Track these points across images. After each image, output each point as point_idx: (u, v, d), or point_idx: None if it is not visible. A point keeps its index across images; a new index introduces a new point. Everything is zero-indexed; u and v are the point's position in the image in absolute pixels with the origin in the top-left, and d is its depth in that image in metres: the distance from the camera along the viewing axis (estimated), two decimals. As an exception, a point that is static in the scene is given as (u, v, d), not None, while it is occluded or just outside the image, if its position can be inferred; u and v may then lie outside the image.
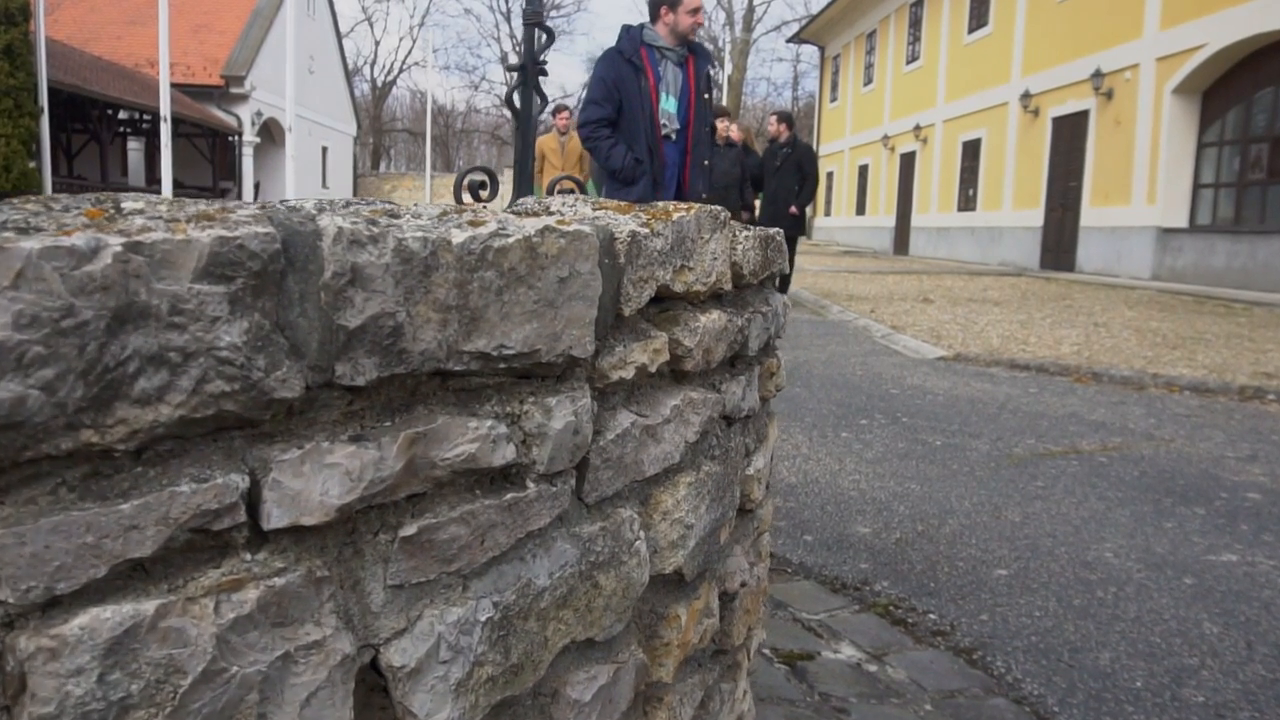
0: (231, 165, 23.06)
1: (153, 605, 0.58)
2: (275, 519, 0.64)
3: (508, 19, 45.49)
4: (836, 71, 27.85)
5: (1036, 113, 15.88)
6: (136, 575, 0.59)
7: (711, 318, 1.12)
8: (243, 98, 22.75)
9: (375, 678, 0.73)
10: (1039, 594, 2.46)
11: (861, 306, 9.38)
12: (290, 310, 0.64)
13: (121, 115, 19.49)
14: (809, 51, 37.41)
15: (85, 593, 0.56)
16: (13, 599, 0.53)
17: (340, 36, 30.61)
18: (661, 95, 4.18)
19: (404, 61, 65.84)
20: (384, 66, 68.17)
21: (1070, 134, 14.86)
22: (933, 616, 2.32)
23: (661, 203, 1.13)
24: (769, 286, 1.43)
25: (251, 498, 0.64)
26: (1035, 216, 15.88)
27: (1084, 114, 14.44)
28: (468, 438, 0.77)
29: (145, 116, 19.52)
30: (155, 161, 19.81)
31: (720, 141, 8.09)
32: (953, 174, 19.33)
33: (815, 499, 3.25)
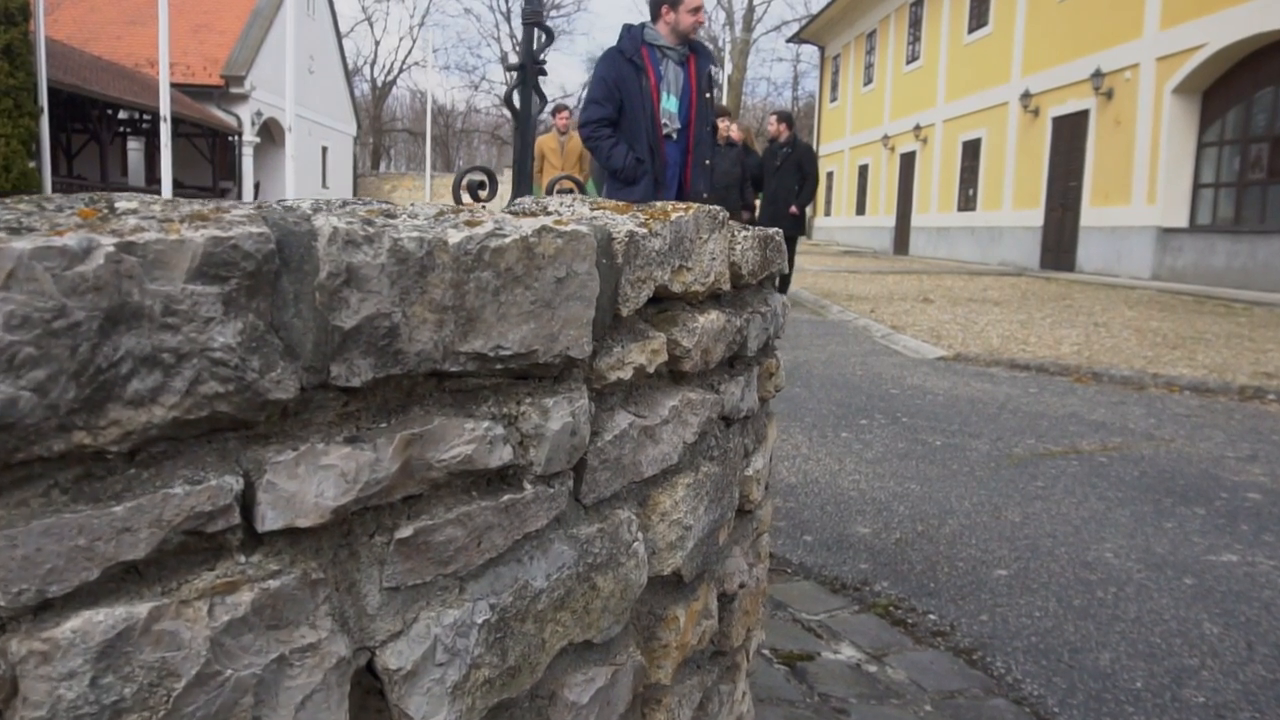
0: (231, 165, 23.07)
1: (146, 608, 0.58)
2: (270, 521, 0.64)
3: (508, 19, 45.52)
4: (836, 71, 27.85)
5: (1036, 112, 15.88)
6: (129, 578, 0.59)
7: (710, 318, 1.12)
8: (243, 98, 22.75)
9: (371, 680, 0.73)
10: (1039, 594, 2.46)
11: (861, 306, 9.38)
12: (285, 311, 0.64)
13: (121, 115, 19.50)
14: (809, 51, 37.43)
15: (77, 596, 0.56)
16: (4, 602, 0.53)
17: (340, 36, 30.62)
18: (663, 94, 4.17)
19: (404, 61, 65.91)
20: (384, 66, 68.23)
21: (1070, 134, 14.86)
22: (933, 617, 2.32)
23: (660, 202, 1.12)
24: (768, 287, 1.43)
25: (246, 500, 0.63)
26: (1035, 216, 15.88)
27: (1084, 114, 14.44)
28: (464, 439, 0.76)
29: (145, 116, 19.53)
30: (155, 161, 19.82)
31: (721, 141, 8.09)
32: (953, 174, 19.33)
33: (815, 499, 3.25)
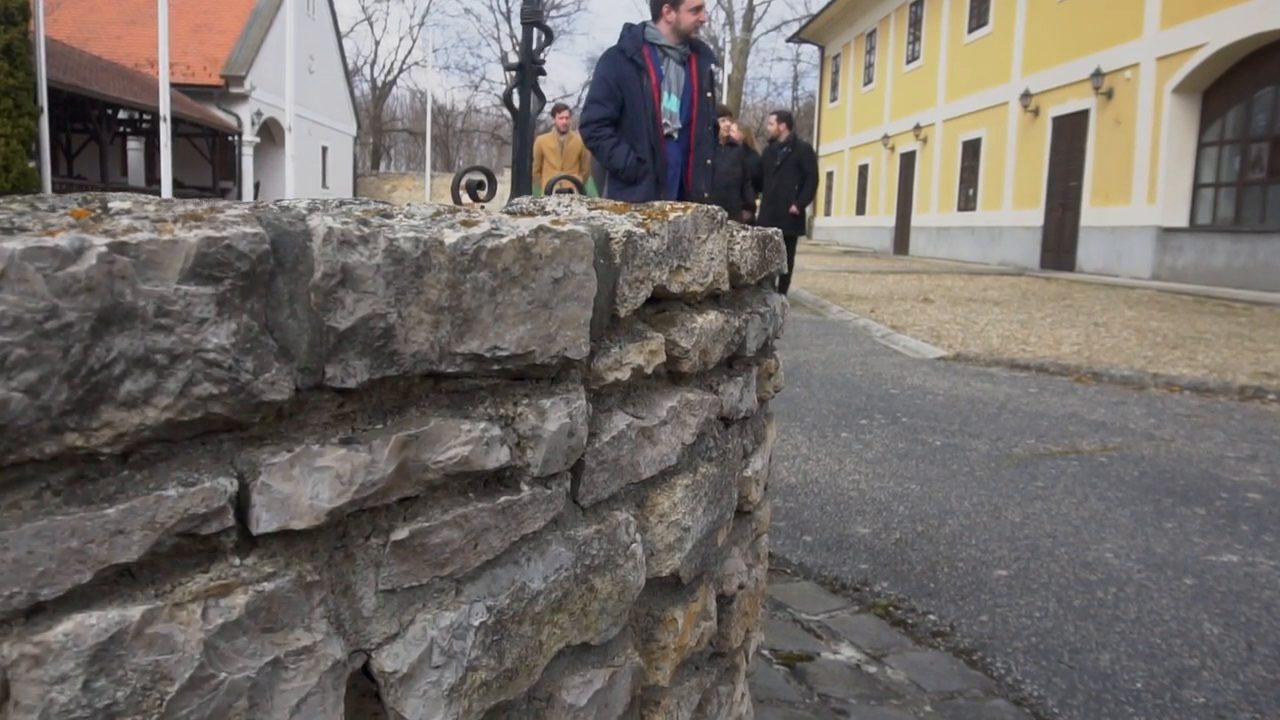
0: (231, 165, 23.07)
1: (139, 611, 0.57)
2: (264, 523, 0.64)
3: (508, 19, 45.52)
4: (836, 71, 27.84)
5: (1036, 112, 15.88)
6: (122, 581, 0.58)
7: (708, 318, 1.11)
8: (242, 97, 22.75)
9: (367, 683, 0.73)
10: (1039, 595, 2.46)
11: (861, 306, 9.37)
12: (279, 311, 0.63)
13: (121, 115, 19.49)
14: (809, 51, 37.43)
15: (70, 599, 0.55)
16: (-5, 605, 0.52)
17: (340, 36, 30.62)
18: (664, 94, 4.16)
19: (404, 61, 65.95)
20: (384, 66, 68.22)
21: (1070, 133, 14.85)
22: (932, 617, 2.31)
23: (658, 202, 1.12)
24: (767, 287, 1.42)
25: (240, 501, 0.63)
26: (1035, 216, 15.88)
27: (1084, 113, 14.43)
28: (460, 440, 0.76)
29: (145, 116, 19.53)
30: (155, 161, 19.81)
31: (721, 141, 8.09)
32: (953, 174, 19.32)
33: (815, 499, 3.25)
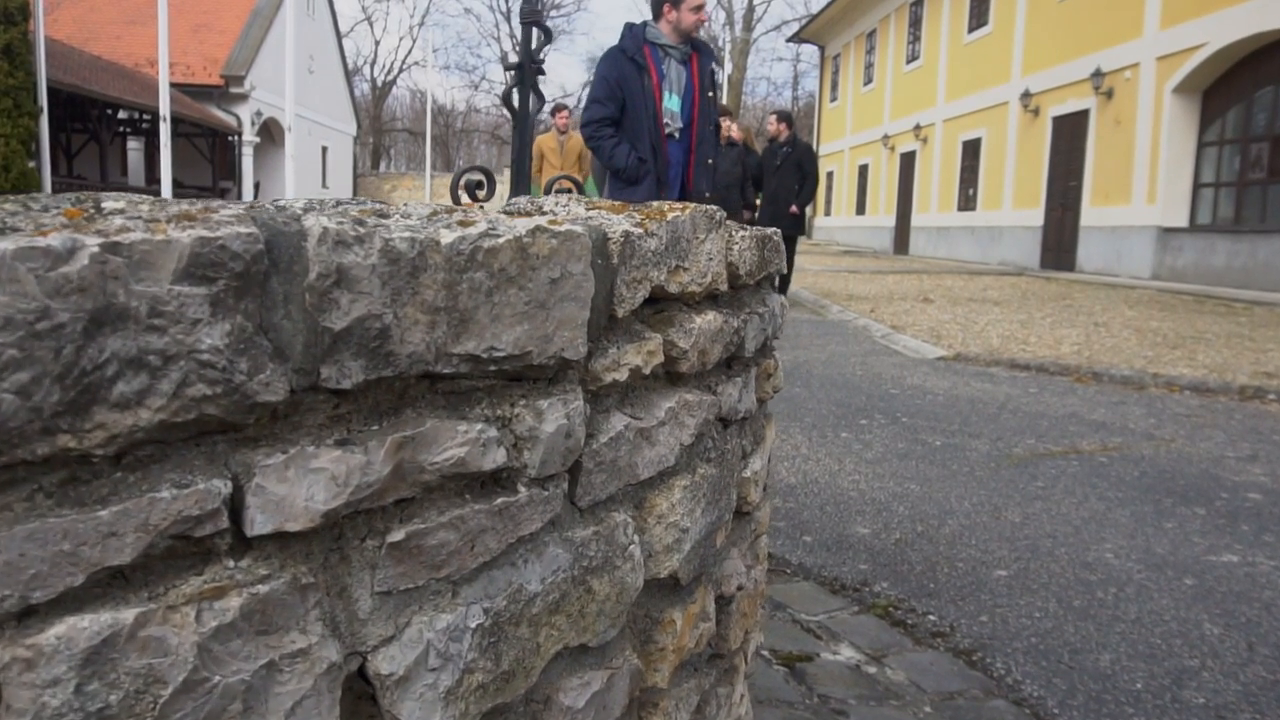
0: (231, 165, 23.06)
1: (132, 614, 0.57)
2: (259, 525, 0.63)
3: (508, 18, 45.53)
4: (836, 71, 27.83)
5: (1036, 112, 15.87)
6: (115, 583, 0.58)
7: (707, 319, 1.11)
8: (242, 97, 22.74)
9: (363, 686, 0.72)
10: (1039, 595, 2.45)
11: (861, 306, 9.37)
12: (274, 312, 0.63)
13: (121, 115, 19.48)
14: (809, 51, 37.43)
15: (62, 601, 0.55)
16: (-13, 608, 0.52)
17: (340, 36, 30.61)
18: (665, 93, 4.15)
19: (404, 61, 65.93)
20: (384, 66, 68.20)
21: (1070, 133, 14.84)
22: (932, 618, 2.31)
23: (656, 202, 1.11)
24: (766, 287, 1.42)
25: (234, 503, 0.62)
26: (1035, 216, 15.87)
27: (1084, 113, 14.43)
28: (457, 441, 0.76)
29: (145, 116, 19.51)
30: (155, 161, 19.80)
31: (722, 141, 8.09)
32: (953, 174, 19.32)
33: (814, 499, 3.24)
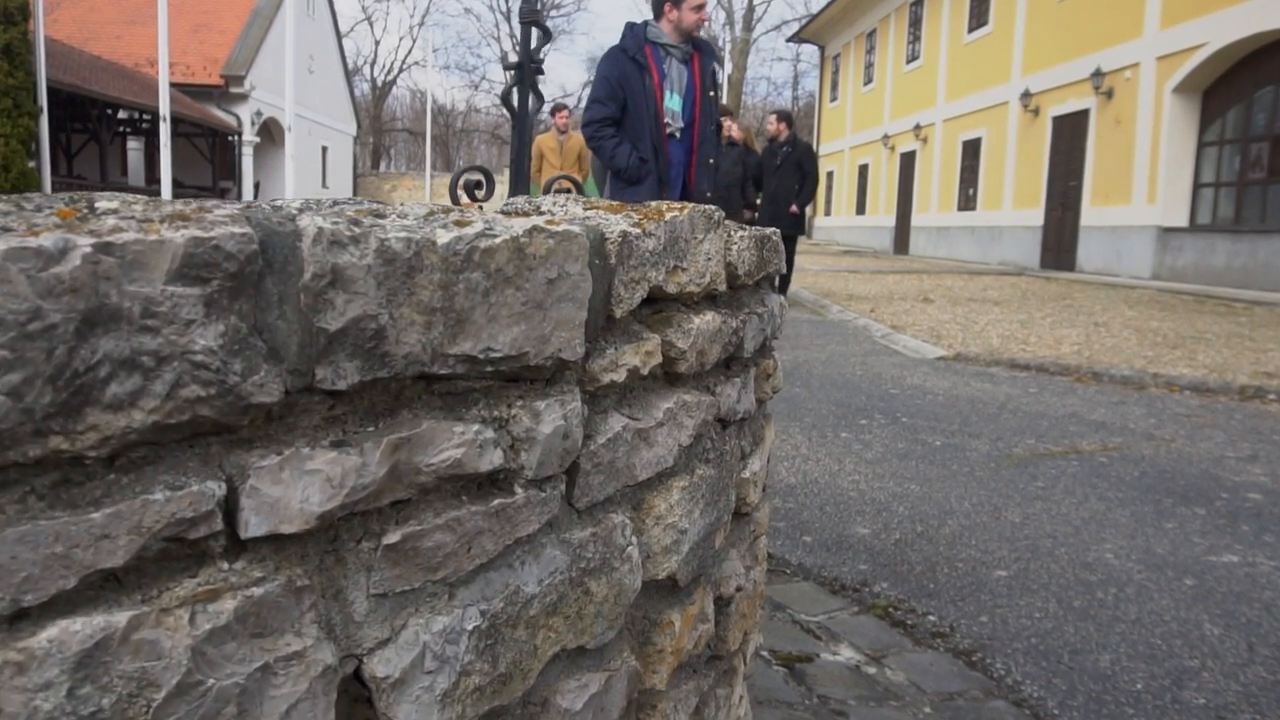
0: (231, 165, 23.06)
1: (125, 617, 0.57)
2: (253, 527, 0.63)
3: (507, 18, 45.52)
4: (836, 71, 27.83)
5: (1036, 112, 15.87)
6: (108, 586, 0.57)
7: (705, 319, 1.10)
8: (242, 97, 22.74)
9: (359, 689, 0.72)
10: (1039, 595, 2.45)
11: (861, 306, 9.36)
12: (268, 313, 0.62)
13: (121, 115, 19.48)
14: (809, 51, 37.43)
15: (54, 604, 0.55)
16: (-22, 611, 0.52)
17: (340, 36, 30.60)
18: (666, 93, 4.15)
19: (404, 61, 65.94)
20: (384, 66, 68.22)
21: (1070, 133, 14.84)
22: (932, 618, 2.31)
23: (655, 202, 1.11)
24: (765, 287, 1.41)
25: (229, 505, 0.62)
26: (1035, 216, 15.87)
27: (1084, 113, 14.42)
28: (453, 443, 0.75)
29: (145, 116, 19.51)
30: (155, 161, 19.80)
31: (723, 141, 8.09)
32: (953, 173, 19.31)
33: (814, 499, 3.24)
